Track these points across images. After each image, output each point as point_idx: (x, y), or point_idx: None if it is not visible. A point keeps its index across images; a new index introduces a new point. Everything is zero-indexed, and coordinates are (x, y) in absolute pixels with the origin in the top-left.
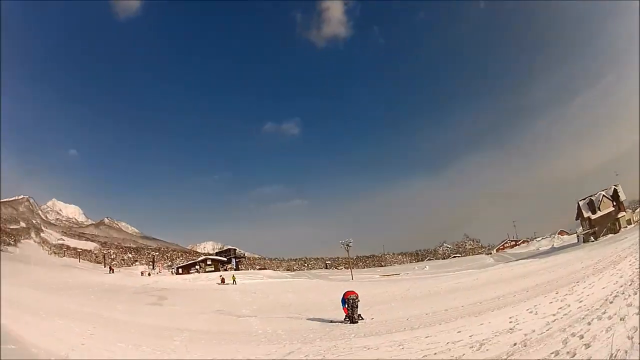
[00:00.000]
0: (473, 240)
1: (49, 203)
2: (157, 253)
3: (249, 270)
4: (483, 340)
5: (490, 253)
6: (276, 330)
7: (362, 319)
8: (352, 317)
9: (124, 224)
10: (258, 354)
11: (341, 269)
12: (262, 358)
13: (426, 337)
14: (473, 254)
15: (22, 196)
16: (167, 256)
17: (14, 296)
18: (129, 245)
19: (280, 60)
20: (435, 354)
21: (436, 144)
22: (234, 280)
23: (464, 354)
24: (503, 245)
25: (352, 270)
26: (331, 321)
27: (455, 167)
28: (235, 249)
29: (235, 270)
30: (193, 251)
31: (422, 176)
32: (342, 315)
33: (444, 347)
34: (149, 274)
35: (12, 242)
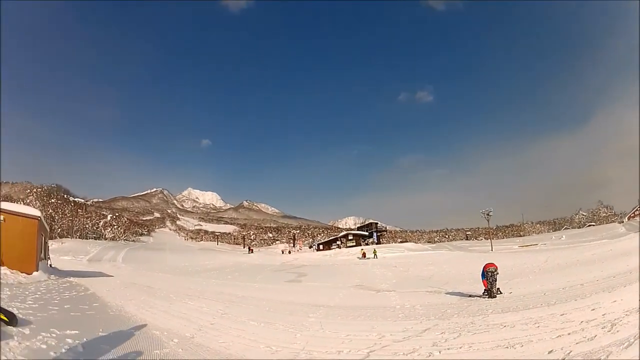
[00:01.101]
0: (607, 208)
1: (185, 192)
2: (298, 231)
3: (391, 244)
4: (614, 319)
5: (622, 222)
6: (414, 306)
7: (500, 293)
8: (490, 291)
9: (264, 205)
10: (394, 330)
11: (481, 239)
12: (397, 334)
13: (561, 314)
14: (607, 222)
15: (155, 189)
16: (308, 233)
17: (145, 282)
18: (269, 226)
19: (407, 29)
20: (569, 334)
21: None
22: (375, 254)
23: (595, 335)
24: (634, 212)
25: (492, 240)
26: (470, 295)
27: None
28: (376, 223)
29: (376, 244)
30: (334, 227)
31: (560, 134)
32: (481, 288)
33: (578, 326)
34: (289, 252)
35: (146, 232)
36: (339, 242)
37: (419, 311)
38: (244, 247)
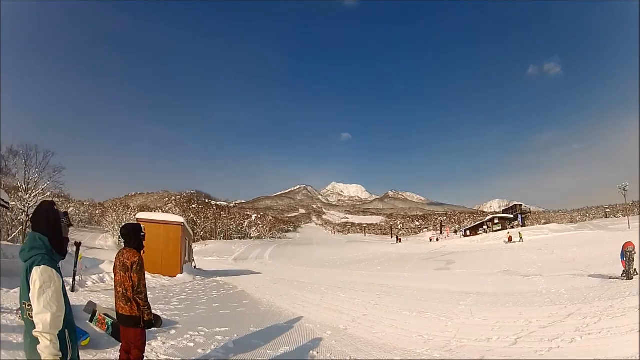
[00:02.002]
0: None
1: (329, 187)
2: (445, 217)
3: (535, 226)
4: None
5: None
6: (559, 290)
7: (637, 274)
8: (628, 272)
9: (409, 194)
10: (540, 316)
11: (619, 216)
12: (542, 320)
13: None
14: None
15: (299, 186)
16: (454, 219)
17: (294, 277)
18: (415, 214)
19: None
20: None
21: None
22: (520, 238)
23: None
24: None
25: (629, 217)
26: (610, 277)
27: None
28: (520, 205)
29: (521, 226)
30: (480, 211)
31: None
32: (620, 269)
33: None
34: (437, 239)
35: (292, 229)
36: (485, 227)
37: (563, 296)
38: (391, 237)
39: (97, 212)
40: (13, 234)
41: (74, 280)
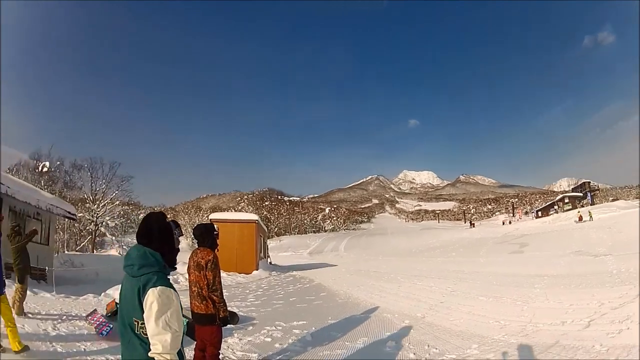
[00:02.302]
0: None
1: (400, 175)
2: (516, 199)
3: (603, 203)
4: None
5: None
6: (629, 269)
7: None
8: None
9: (480, 177)
10: (612, 297)
11: None
12: (614, 301)
13: None
14: None
15: (370, 176)
16: (525, 201)
17: (370, 267)
18: (487, 197)
19: None
20: None
21: None
22: (590, 217)
23: None
24: None
25: None
26: None
27: None
28: (589, 182)
29: (590, 205)
30: (550, 191)
31: None
32: None
33: None
34: (509, 222)
35: (366, 219)
36: (556, 207)
37: (632, 275)
38: (464, 222)
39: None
40: (82, 244)
41: None
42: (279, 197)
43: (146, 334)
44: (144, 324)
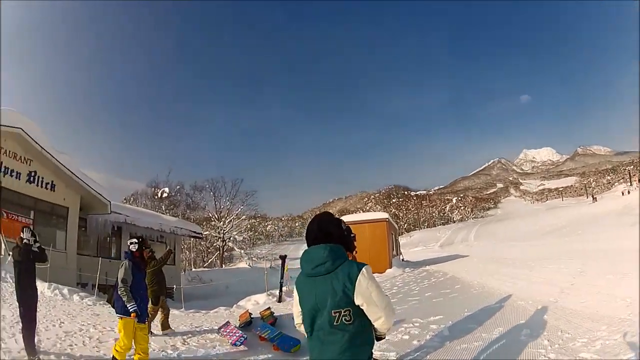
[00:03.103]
0: None
1: (521, 155)
2: (631, 167)
3: None
4: None
5: None
6: None
7: None
8: None
9: (596, 147)
10: None
11: None
12: None
13: None
14: None
15: (492, 160)
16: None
17: (501, 254)
18: (605, 168)
19: None
20: None
21: None
22: None
23: None
24: None
25: None
26: None
27: None
28: None
29: None
30: None
31: None
32: None
33: None
34: (628, 192)
35: (492, 205)
36: None
37: None
38: (587, 197)
39: (296, 224)
40: (209, 260)
41: (280, 291)
42: (405, 192)
43: (347, 321)
44: (347, 310)
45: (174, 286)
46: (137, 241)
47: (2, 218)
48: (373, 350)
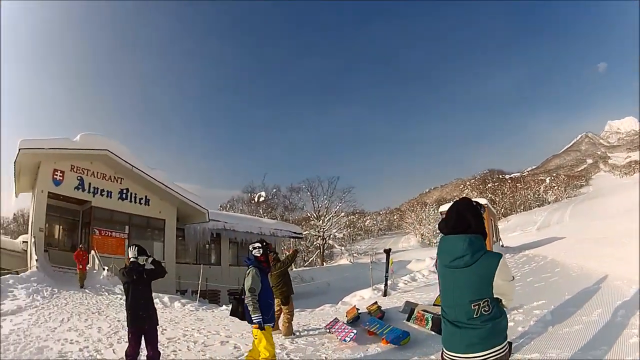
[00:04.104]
0: None
1: (606, 128)
2: None
3: None
4: None
5: None
6: None
7: None
8: None
9: None
10: None
11: None
12: None
13: None
14: None
15: (580, 135)
16: None
17: (597, 233)
18: None
19: None
20: None
21: None
22: None
23: None
24: None
25: None
26: None
27: None
28: None
29: None
30: None
31: None
32: None
33: None
34: None
35: (584, 182)
36: None
37: None
38: None
39: (394, 217)
40: (310, 259)
41: (385, 285)
42: (500, 176)
43: (486, 312)
44: (486, 301)
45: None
46: (260, 245)
47: (95, 235)
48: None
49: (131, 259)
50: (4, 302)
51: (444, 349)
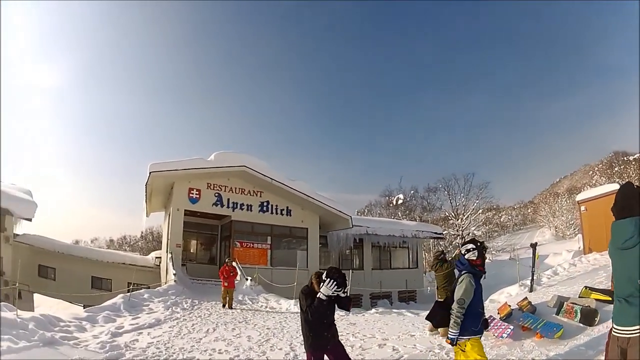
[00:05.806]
0: None
1: None
2: None
3: None
4: None
5: None
6: None
7: None
8: None
9: None
10: None
11: None
12: None
13: None
14: None
15: None
16: None
17: None
18: None
19: None
20: None
21: None
22: None
23: None
24: None
25: None
26: None
27: None
28: None
29: None
30: None
31: None
32: None
33: None
34: None
35: None
36: None
37: None
38: None
39: (528, 210)
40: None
41: (532, 280)
42: (625, 158)
43: None
44: None
45: (416, 289)
46: (474, 247)
47: (236, 248)
48: None
49: (321, 297)
50: (139, 316)
51: (614, 325)
